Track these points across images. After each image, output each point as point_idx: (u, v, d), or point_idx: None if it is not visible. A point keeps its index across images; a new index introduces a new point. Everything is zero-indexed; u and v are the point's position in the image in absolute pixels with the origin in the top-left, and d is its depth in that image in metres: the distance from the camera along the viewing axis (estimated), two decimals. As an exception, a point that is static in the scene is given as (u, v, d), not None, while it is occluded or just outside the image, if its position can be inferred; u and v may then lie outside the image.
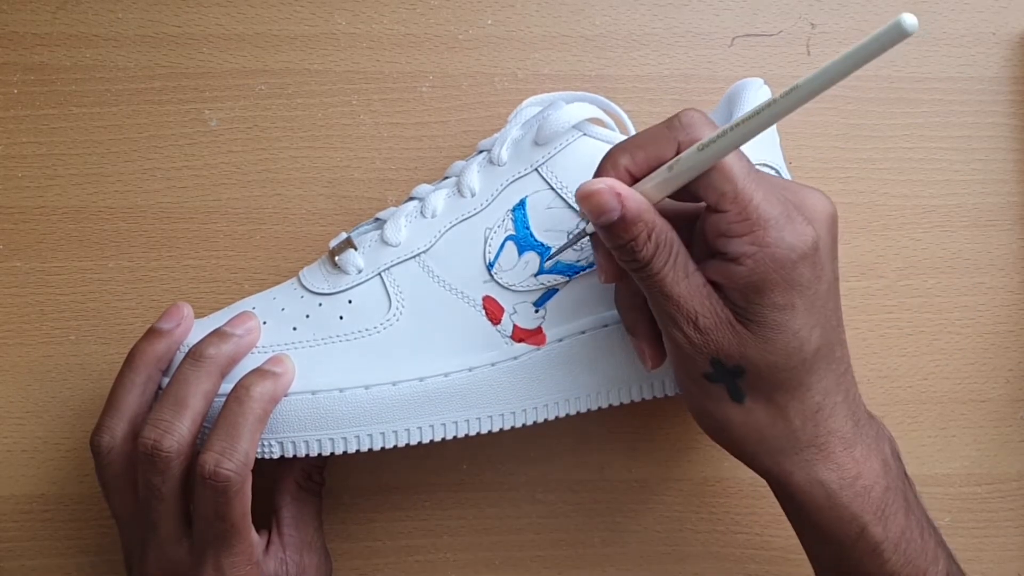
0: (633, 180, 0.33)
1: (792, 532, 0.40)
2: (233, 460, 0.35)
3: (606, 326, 0.38)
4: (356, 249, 0.39)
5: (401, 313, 0.38)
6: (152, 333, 0.38)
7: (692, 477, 0.46)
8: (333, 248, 0.39)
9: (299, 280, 0.40)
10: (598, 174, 0.33)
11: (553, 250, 0.38)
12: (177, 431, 0.35)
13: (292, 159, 0.46)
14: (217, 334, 0.37)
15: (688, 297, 0.32)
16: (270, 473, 0.41)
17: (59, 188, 0.45)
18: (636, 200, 0.32)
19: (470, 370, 0.38)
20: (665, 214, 0.33)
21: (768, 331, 0.32)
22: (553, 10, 0.47)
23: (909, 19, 0.24)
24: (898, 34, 0.25)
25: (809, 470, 0.34)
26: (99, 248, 0.45)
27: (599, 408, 0.40)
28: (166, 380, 0.38)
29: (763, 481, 0.44)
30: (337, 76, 0.46)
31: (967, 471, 0.47)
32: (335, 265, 0.39)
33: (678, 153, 0.32)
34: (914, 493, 0.36)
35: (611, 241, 0.33)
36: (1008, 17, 0.48)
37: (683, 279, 0.32)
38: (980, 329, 0.47)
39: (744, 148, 0.41)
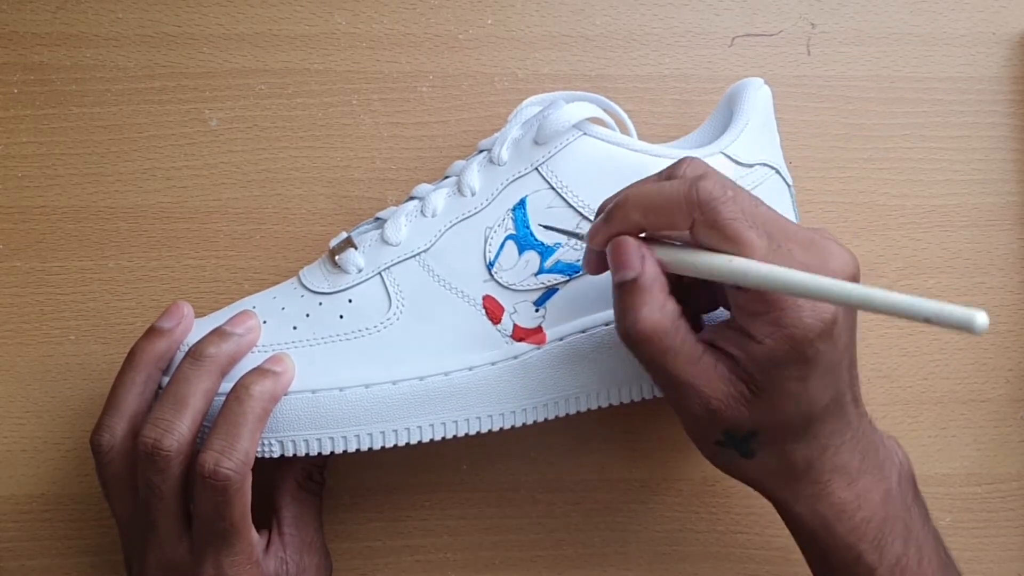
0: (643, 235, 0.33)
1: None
2: (233, 459, 0.35)
3: (607, 325, 0.38)
4: (356, 248, 0.39)
5: (401, 312, 0.38)
6: (152, 332, 0.38)
7: (692, 477, 0.46)
8: (333, 248, 0.39)
9: (299, 279, 0.40)
10: (609, 218, 0.33)
11: (553, 230, 0.38)
12: (177, 430, 0.35)
13: (292, 159, 0.46)
14: (217, 333, 0.37)
15: (697, 382, 0.32)
16: (270, 473, 0.41)
17: (59, 188, 0.45)
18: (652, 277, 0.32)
19: (470, 369, 0.38)
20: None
21: (781, 397, 0.32)
22: (553, 10, 0.47)
23: (981, 318, 0.24)
24: (967, 327, 0.24)
25: (810, 503, 0.34)
26: (99, 248, 0.45)
27: (599, 408, 0.40)
28: (166, 379, 0.38)
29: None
30: (337, 76, 0.46)
31: (967, 471, 0.46)
32: (335, 264, 0.39)
33: (693, 226, 0.31)
34: (922, 517, 0.36)
35: (618, 301, 0.33)
36: (1008, 17, 0.48)
37: (690, 365, 0.32)
38: (980, 329, 0.47)
39: (745, 149, 0.41)
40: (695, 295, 0.35)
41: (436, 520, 0.45)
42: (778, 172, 0.41)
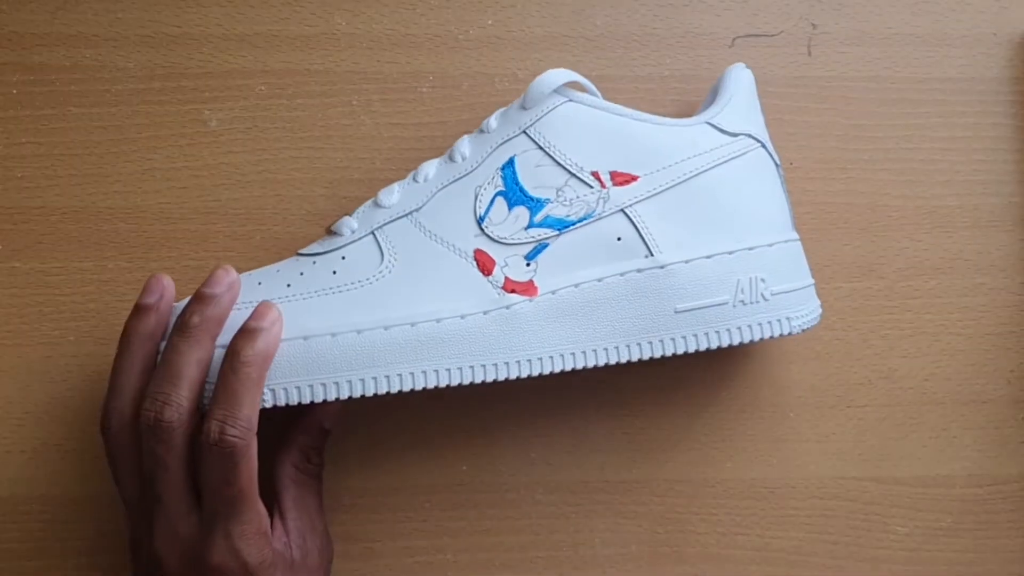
0: None
1: (793, 534, 0.39)
2: (236, 426, 0.35)
3: (599, 280, 0.39)
4: (351, 216, 0.40)
5: (393, 265, 0.38)
6: (139, 310, 0.38)
7: (692, 477, 0.46)
8: (330, 227, 0.40)
9: (297, 254, 0.40)
10: None
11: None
12: (176, 401, 0.35)
13: (292, 159, 0.46)
14: (198, 299, 0.37)
15: None
16: (268, 461, 0.40)
17: (59, 188, 0.45)
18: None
19: (462, 317, 0.38)
20: None
21: None
22: (553, 10, 0.47)
23: None
24: None
25: None
26: (99, 248, 0.45)
27: (589, 367, 0.39)
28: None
29: (765, 483, 0.44)
30: (337, 76, 0.46)
31: (968, 472, 0.46)
32: (330, 233, 0.40)
33: None
34: None
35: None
36: (1009, 18, 0.48)
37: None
38: (981, 330, 0.47)
39: (729, 120, 0.43)
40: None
41: (436, 521, 0.45)
42: (764, 147, 0.41)
